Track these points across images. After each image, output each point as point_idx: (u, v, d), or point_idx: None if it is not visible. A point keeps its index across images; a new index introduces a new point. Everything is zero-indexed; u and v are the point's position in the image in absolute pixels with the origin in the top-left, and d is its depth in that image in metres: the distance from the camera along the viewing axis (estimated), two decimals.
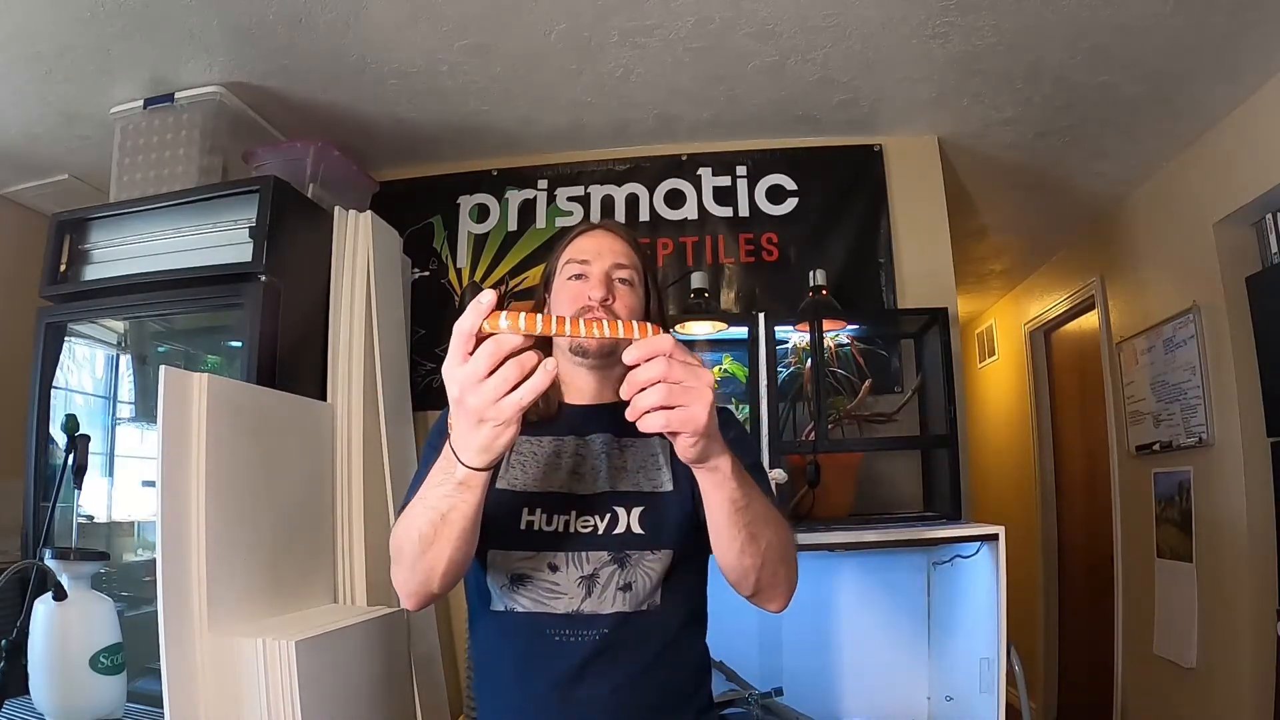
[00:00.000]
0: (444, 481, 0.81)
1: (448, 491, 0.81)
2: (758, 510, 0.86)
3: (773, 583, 0.93)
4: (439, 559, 0.85)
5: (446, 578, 0.88)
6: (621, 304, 1.06)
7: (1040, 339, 3.64)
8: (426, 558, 0.85)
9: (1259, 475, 2.08)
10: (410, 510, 0.87)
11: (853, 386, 2.00)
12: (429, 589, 0.89)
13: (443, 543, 0.84)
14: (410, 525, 0.85)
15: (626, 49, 1.85)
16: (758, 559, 0.88)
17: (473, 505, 0.82)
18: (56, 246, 1.86)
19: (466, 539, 0.85)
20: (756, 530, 0.86)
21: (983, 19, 1.74)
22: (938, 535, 1.66)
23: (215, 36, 1.74)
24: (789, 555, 0.93)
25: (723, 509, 0.84)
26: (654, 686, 0.98)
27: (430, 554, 0.85)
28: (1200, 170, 2.29)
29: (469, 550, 0.87)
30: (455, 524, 0.82)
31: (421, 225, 2.38)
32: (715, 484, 0.83)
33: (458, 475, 0.80)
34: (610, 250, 1.08)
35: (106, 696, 1.38)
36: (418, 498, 0.86)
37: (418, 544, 0.85)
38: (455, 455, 0.79)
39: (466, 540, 0.85)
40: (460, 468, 0.79)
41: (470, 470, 0.79)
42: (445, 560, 0.85)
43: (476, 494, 0.81)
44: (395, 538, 0.90)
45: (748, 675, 1.68)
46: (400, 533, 0.88)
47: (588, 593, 0.97)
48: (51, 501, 1.58)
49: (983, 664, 1.58)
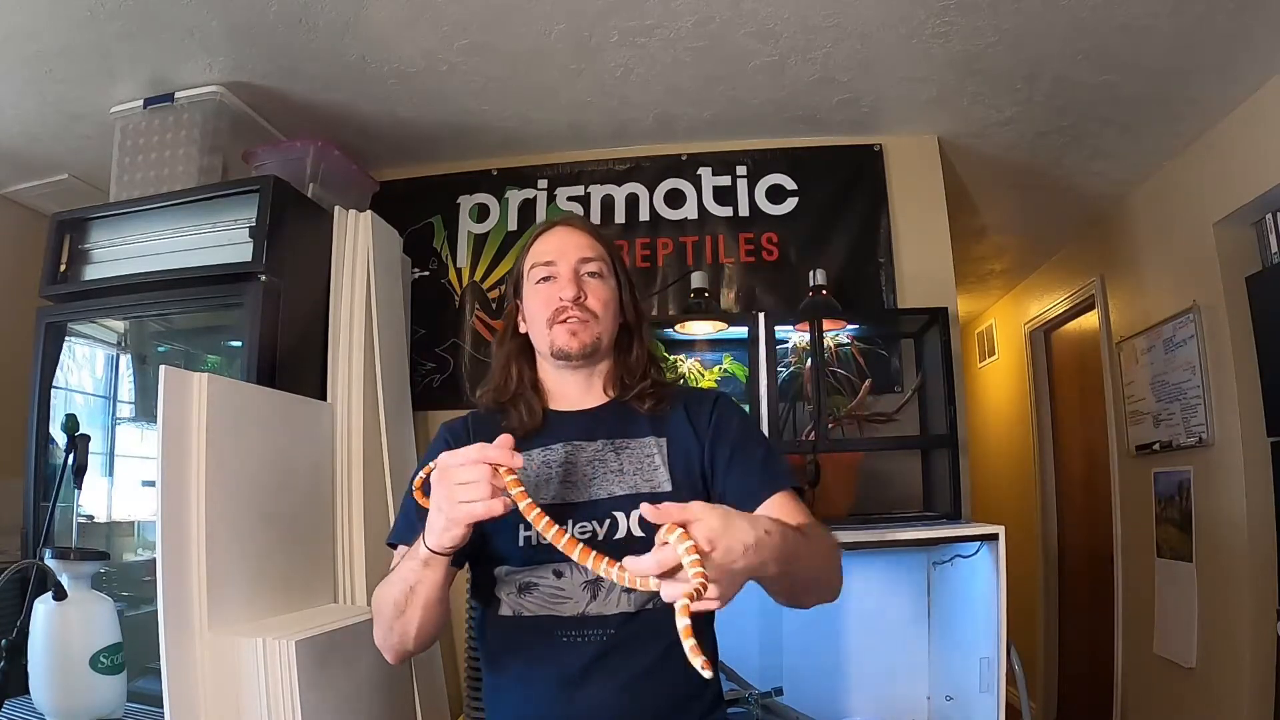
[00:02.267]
0: (413, 556, 0.89)
1: (414, 567, 0.89)
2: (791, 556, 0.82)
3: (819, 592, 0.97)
4: (410, 625, 0.93)
5: (419, 640, 0.95)
6: (594, 298, 1.05)
7: (1040, 339, 3.64)
8: (399, 623, 0.93)
9: (1259, 475, 2.08)
10: (389, 578, 0.95)
11: (853, 386, 2.00)
12: (405, 648, 0.96)
13: (412, 611, 0.91)
14: (386, 593, 0.93)
15: (626, 49, 1.85)
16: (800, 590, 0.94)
17: (435, 583, 0.90)
18: (56, 246, 1.86)
19: (433, 611, 0.92)
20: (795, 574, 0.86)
21: (983, 19, 1.74)
22: (938, 535, 1.66)
23: (215, 36, 1.74)
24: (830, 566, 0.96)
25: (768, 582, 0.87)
26: (662, 684, 0.98)
27: (402, 620, 0.93)
28: (1200, 170, 2.29)
29: (439, 620, 0.95)
30: (421, 595, 0.90)
31: (421, 225, 2.38)
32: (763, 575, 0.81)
33: (420, 555, 0.87)
34: (574, 246, 1.07)
35: (106, 696, 1.38)
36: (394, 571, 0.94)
37: (391, 609, 0.92)
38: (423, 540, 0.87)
39: (434, 613, 0.93)
40: (423, 549, 0.87)
41: (429, 552, 0.86)
42: (415, 627, 0.93)
43: (438, 574, 0.89)
44: (375, 599, 0.97)
45: (748, 675, 1.68)
46: (380, 595, 0.96)
47: (593, 596, 0.98)
48: (51, 501, 1.58)
49: (983, 664, 1.58)
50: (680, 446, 1.05)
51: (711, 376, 2.07)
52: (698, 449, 1.05)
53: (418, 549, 0.88)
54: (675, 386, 1.19)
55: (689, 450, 1.05)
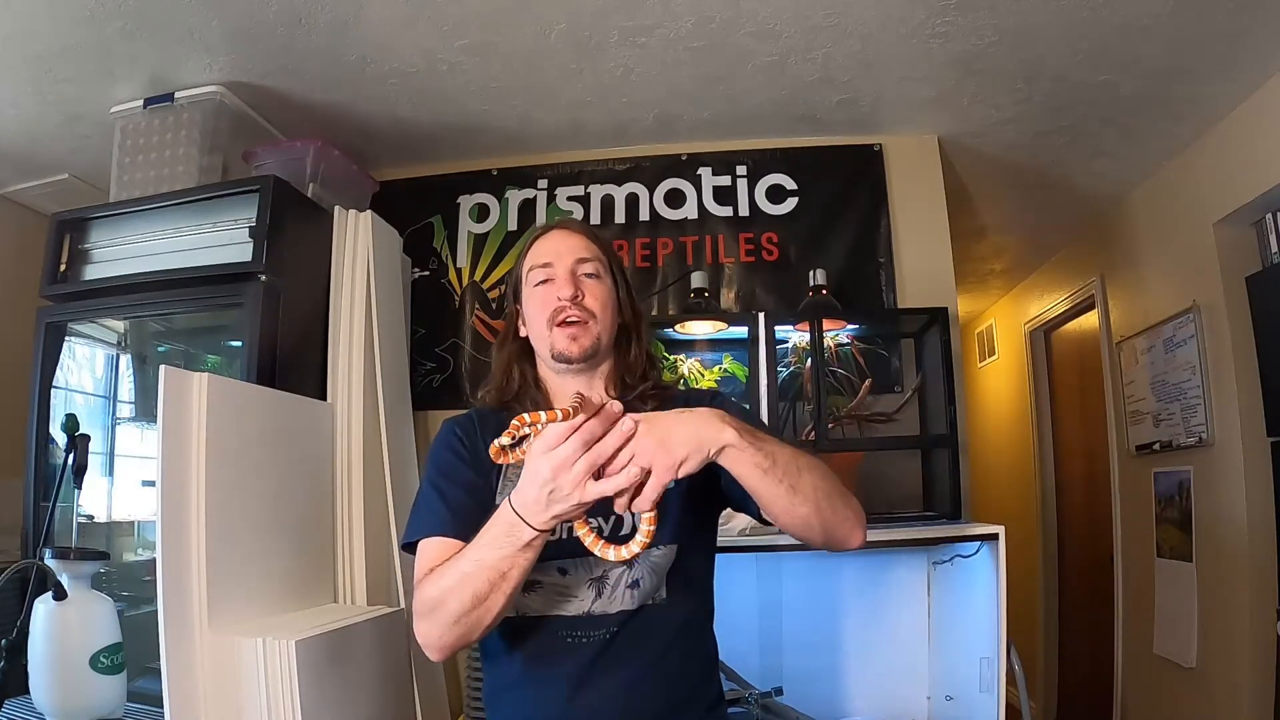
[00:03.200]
0: (504, 545, 0.85)
1: (509, 554, 0.85)
2: (785, 462, 0.87)
3: (836, 519, 0.92)
4: (489, 613, 0.88)
5: (490, 627, 0.91)
6: (592, 297, 1.06)
7: (1040, 339, 3.64)
8: (476, 613, 0.88)
9: (1259, 475, 2.08)
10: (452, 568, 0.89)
11: (853, 386, 2.00)
12: (467, 640, 0.92)
13: (497, 597, 0.87)
14: (459, 584, 0.88)
15: (626, 48, 1.85)
16: (808, 505, 0.89)
17: (530, 563, 0.87)
18: (56, 246, 1.86)
19: (517, 590, 0.89)
20: (793, 481, 0.87)
21: (983, 19, 1.74)
22: (938, 535, 1.67)
23: (215, 36, 1.74)
24: (837, 489, 0.93)
25: (752, 476, 0.86)
26: (664, 681, 0.98)
27: (481, 609, 0.88)
28: (1200, 170, 2.29)
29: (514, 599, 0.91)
30: (514, 580, 0.86)
31: (421, 225, 2.38)
32: (732, 462, 0.84)
33: (523, 537, 0.84)
34: (569, 248, 1.08)
35: (106, 696, 1.38)
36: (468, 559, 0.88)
37: (470, 600, 0.87)
38: (523, 520, 0.83)
39: (517, 591, 0.89)
40: (528, 530, 0.83)
41: (538, 533, 0.83)
42: (496, 613, 0.89)
43: (536, 554, 0.86)
44: (433, 593, 0.90)
45: (748, 675, 1.68)
46: (444, 588, 0.89)
47: (598, 594, 0.98)
48: (51, 501, 1.58)
49: (983, 663, 1.58)
50: None
51: (711, 376, 2.07)
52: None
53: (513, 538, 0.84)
54: (675, 389, 1.20)
55: None
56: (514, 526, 0.84)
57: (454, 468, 1.03)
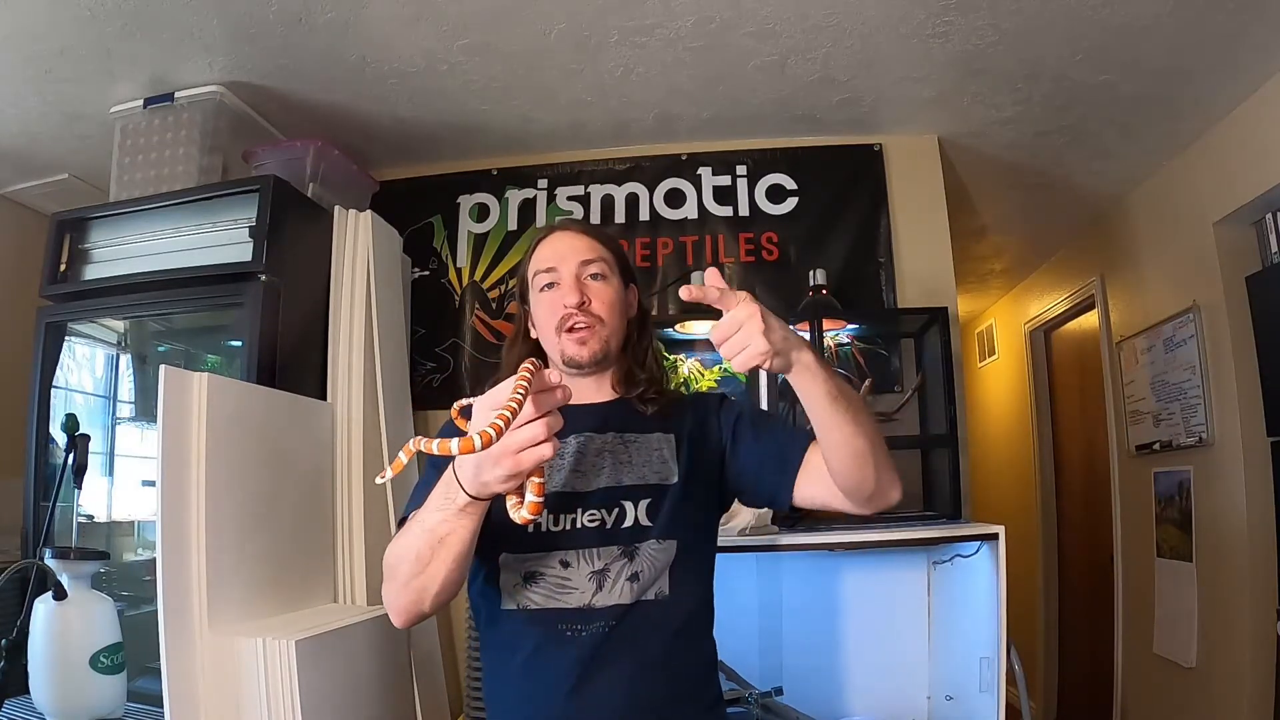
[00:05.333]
0: (444, 507, 0.85)
1: (447, 517, 0.84)
2: (850, 395, 0.89)
3: (886, 464, 0.95)
4: (433, 580, 0.88)
5: (438, 599, 0.90)
6: (599, 301, 1.06)
7: (1040, 338, 3.64)
8: (420, 579, 0.88)
9: (1259, 475, 2.08)
10: (407, 530, 0.90)
11: (853, 386, 2.00)
12: (419, 608, 0.92)
13: (438, 564, 0.87)
14: (407, 545, 0.88)
15: (626, 48, 1.85)
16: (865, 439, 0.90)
17: (470, 531, 0.85)
18: (56, 246, 1.86)
19: (460, 563, 0.88)
20: (856, 413, 0.89)
21: (983, 19, 1.74)
22: (938, 535, 1.66)
23: (215, 36, 1.74)
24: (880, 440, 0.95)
25: (822, 401, 0.87)
26: (664, 677, 0.98)
27: (424, 575, 0.87)
28: (1200, 170, 2.29)
29: (462, 574, 0.90)
30: (452, 547, 0.86)
31: (421, 225, 2.38)
32: (808, 380, 0.86)
33: (459, 502, 0.83)
34: (573, 250, 1.08)
35: (106, 696, 1.38)
36: (416, 520, 0.89)
37: (414, 564, 0.87)
38: (459, 484, 0.82)
39: (460, 564, 0.88)
40: (462, 495, 0.82)
41: (471, 499, 0.83)
42: (439, 582, 0.88)
43: (474, 521, 0.85)
44: (390, 555, 0.92)
45: (748, 675, 1.68)
46: (397, 551, 0.90)
47: (599, 586, 0.98)
48: (51, 501, 1.58)
49: (983, 663, 1.58)
50: (689, 441, 1.07)
51: (711, 376, 2.07)
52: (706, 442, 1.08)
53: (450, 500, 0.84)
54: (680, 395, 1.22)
55: (698, 443, 1.07)
56: (450, 487, 0.84)
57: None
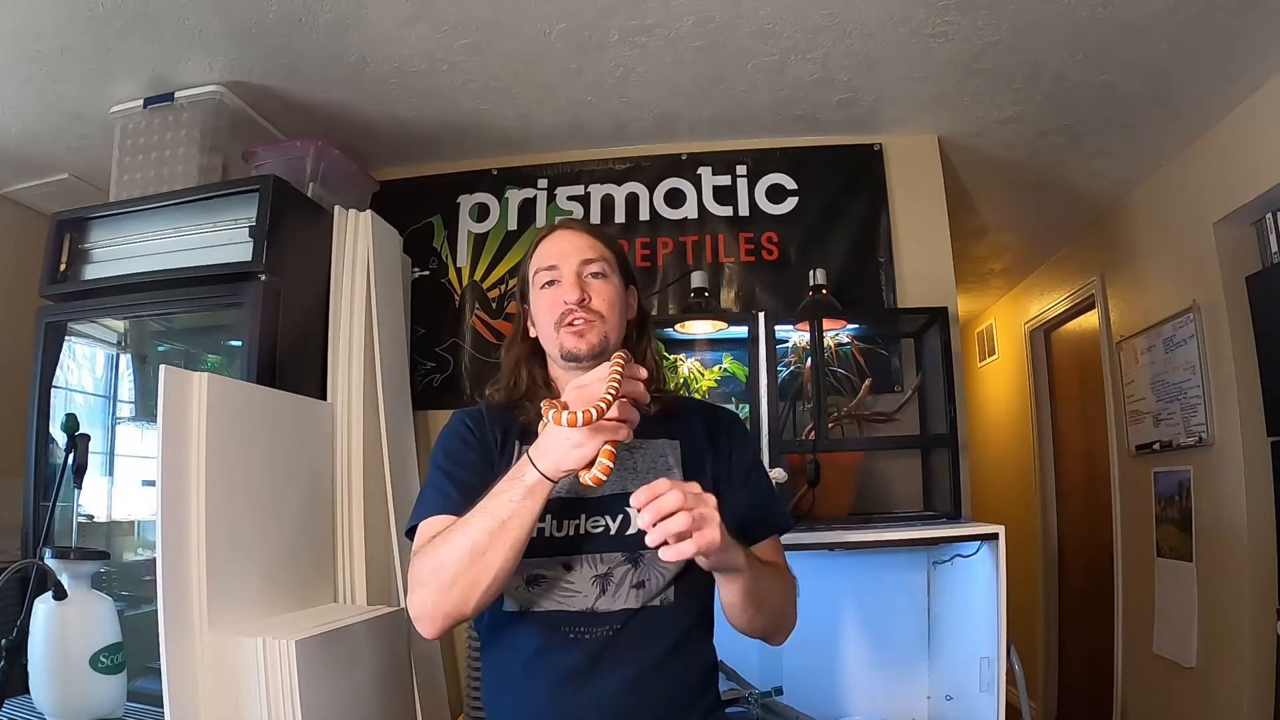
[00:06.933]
0: (508, 489, 0.88)
1: (513, 497, 0.87)
2: (766, 587, 0.96)
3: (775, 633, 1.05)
4: (486, 571, 0.88)
5: (487, 593, 0.90)
6: (599, 298, 1.06)
7: (1040, 338, 3.63)
8: (473, 571, 0.88)
9: (1259, 475, 2.08)
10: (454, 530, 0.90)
11: (853, 386, 2.00)
12: (463, 609, 0.91)
13: (495, 552, 0.87)
14: (457, 544, 0.89)
15: (626, 48, 1.85)
16: (762, 624, 1.00)
17: (533, 515, 0.88)
18: (56, 246, 1.86)
19: (517, 552, 0.89)
20: (763, 605, 0.97)
21: (983, 18, 1.74)
22: (938, 535, 1.66)
23: (215, 36, 1.74)
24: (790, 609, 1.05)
25: (736, 596, 0.94)
26: (664, 683, 0.98)
27: (478, 566, 0.87)
28: (1200, 170, 2.29)
29: (514, 567, 0.90)
30: (513, 530, 0.87)
31: (421, 224, 2.38)
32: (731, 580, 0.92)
33: (527, 480, 0.86)
34: (574, 248, 1.08)
35: (106, 696, 1.38)
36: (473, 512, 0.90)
37: (467, 558, 0.87)
38: (532, 463, 0.86)
39: (517, 553, 0.89)
40: (532, 473, 0.86)
41: (541, 477, 0.86)
42: (494, 572, 0.88)
43: (539, 504, 0.87)
44: (430, 561, 0.91)
45: (748, 674, 1.68)
46: (441, 554, 0.90)
47: (602, 591, 0.98)
48: (51, 501, 1.58)
49: (983, 663, 1.58)
50: (694, 450, 1.08)
51: (711, 376, 2.07)
52: (712, 456, 1.08)
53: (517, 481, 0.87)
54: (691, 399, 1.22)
55: (703, 455, 1.08)
56: (522, 468, 0.87)
57: (463, 455, 1.04)
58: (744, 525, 1.01)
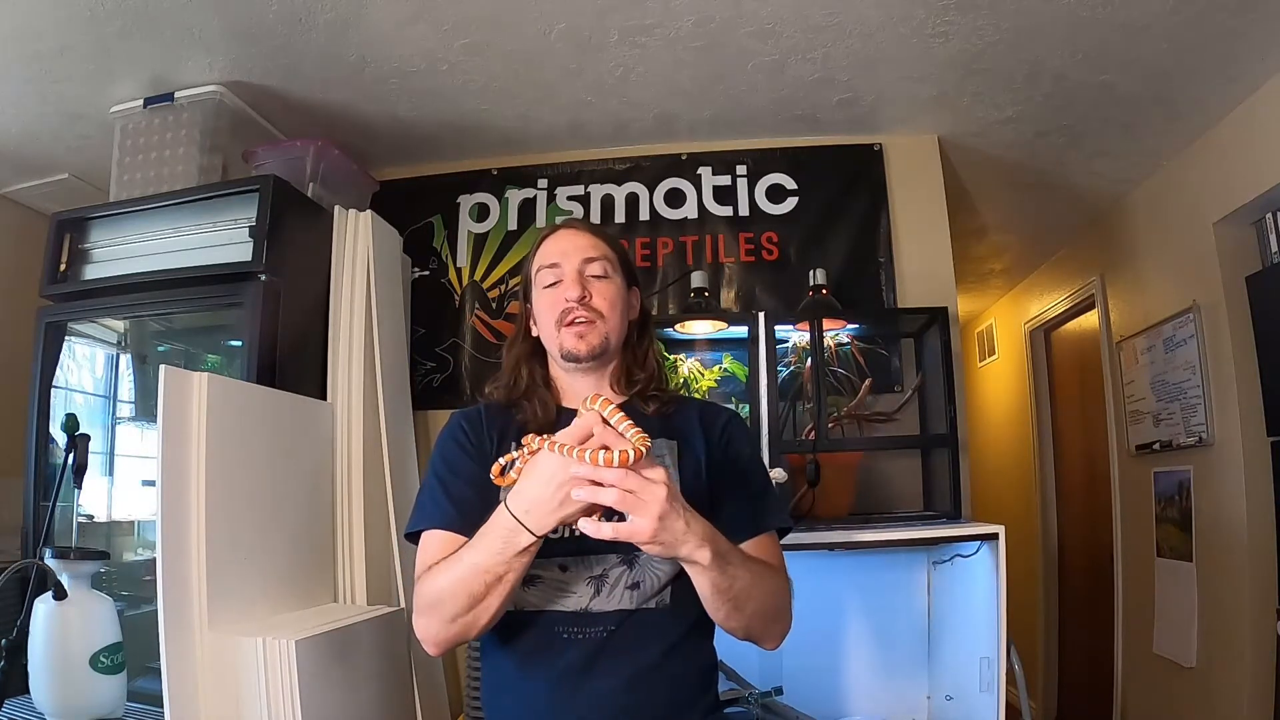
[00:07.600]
0: (502, 550, 0.87)
1: (507, 559, 0.87)
2: (742, 585, 0.92)
3: (762, 635, 1.00)
4: (486, 611, 0.90)
5: (486, 627, 0.93)
6: (600, 297, 1.07)
7: (1040, 338, 3.63)
8: (473, 612, 0.90)
9: (1259, 475, 2.08)
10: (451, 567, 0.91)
11: (853, 386, 2.00)
12: (465, 637, 0.94)
13: (493, 598, 0.89)
14: (457, 582, 0.89)
15: (626, 48, 1.85)
16: (743, 622, 0.96)
17: (526, 567, 0.89)
18: (56, 246, 1.86)
19: (514, 589, 0.91)
20: (741, 602, 0.93)
21: (983, 18, 1.74)
22: (938, 535, 1.66)
23: (215, 36, 1.74)
24: (778, 612, 1.00)
25: (705, 589, 0.91)
26: (661, 684, 0.98)
27: (479, 609, 0.90)
28: (1200, 170, 2.29)
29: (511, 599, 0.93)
30: (510, 583, 0.89)
31: (421, 224, 2.38)
32: (696, 573, 0.89)
33: (521, 543, 0.85)
34: (576, 247, 1.09)
35: (106, 696, 1.38)
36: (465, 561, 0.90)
37: (465, 600, 0.89)
38: (523, 526, 0.84)
39: (513, 590, 0.91)
40: (526, 536, 0.85)
41: (535, 538, 0.85)
42: (492, 612, 0.91)
43: (532, 557, 0.88)
44: (432, 591, 0.92)
45: (748, 674, 1.68)
46: (440, 587, 0.91)
47: (596, 591, 0.99)
48: (51, 501, 1.58)
49: (983, 663, 1.58)
50: (691, 450, 1.08)
51: (711, 376, 2.07)
52: (710, 454, 1.08)
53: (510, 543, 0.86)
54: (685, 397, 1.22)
55: (699, 454, 1.07)
56: (513, 532, 0.85)
57: (458, 460, 1.04)
58: (736, 521, 1.00)
